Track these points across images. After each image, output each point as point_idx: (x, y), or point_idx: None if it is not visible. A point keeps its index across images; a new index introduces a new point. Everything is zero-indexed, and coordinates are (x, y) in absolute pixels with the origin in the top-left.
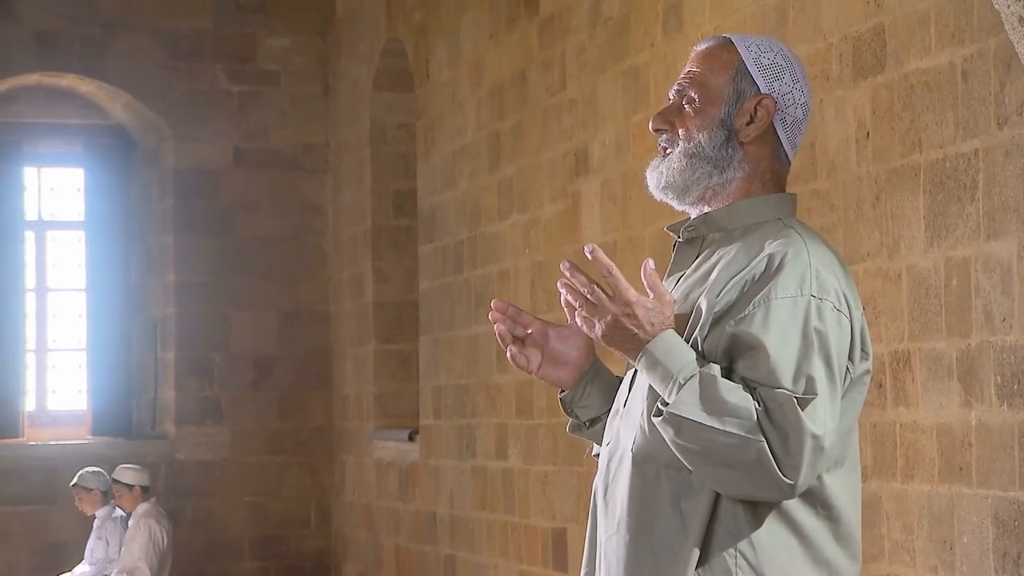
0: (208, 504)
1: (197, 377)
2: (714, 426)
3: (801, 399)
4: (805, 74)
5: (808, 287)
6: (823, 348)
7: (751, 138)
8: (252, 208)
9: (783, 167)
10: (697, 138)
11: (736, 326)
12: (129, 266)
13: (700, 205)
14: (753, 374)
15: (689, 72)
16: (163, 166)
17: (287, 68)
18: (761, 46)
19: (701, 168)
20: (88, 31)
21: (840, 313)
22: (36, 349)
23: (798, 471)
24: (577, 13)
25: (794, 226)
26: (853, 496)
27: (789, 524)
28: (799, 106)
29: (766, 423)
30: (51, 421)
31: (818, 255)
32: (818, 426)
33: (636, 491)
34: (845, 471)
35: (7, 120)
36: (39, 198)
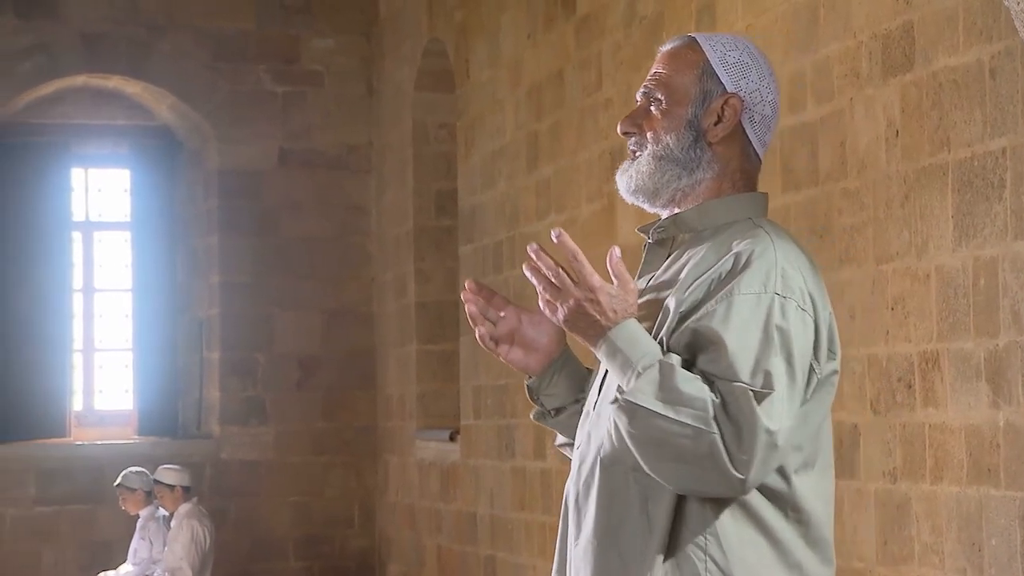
0: (252, 504)
1: (241, 377)
2: (668, 415)
3: (758, 393)
4: (772, 71)
5: (773, 285)
6: (784, 346)
7: (719, 138)
8: (296, 209)
9: (753, 166)
10: (665, 140)
11: (698, 321)
12: (175, 267)
13: (671, 207)
14: (712, 367)
15: (655, 74)
16: (207, 167)
17: (331, 69)
18: (726, 44)
19: (670, 170)
20: (133, 32)
21: (804, 312)
22: (83, 349)
23: (749, 466)
24: (613, 12)
25: (763, 225)
26: (825, 499)
27: (759, 527)
28: (767, 103)
29: (722, 416)
30: (98, 421)
31: (785, 254)
32: (773, 422)
33: (604, 495)
34: (816, 473)
35: (55, 121)
36: (86, 199)
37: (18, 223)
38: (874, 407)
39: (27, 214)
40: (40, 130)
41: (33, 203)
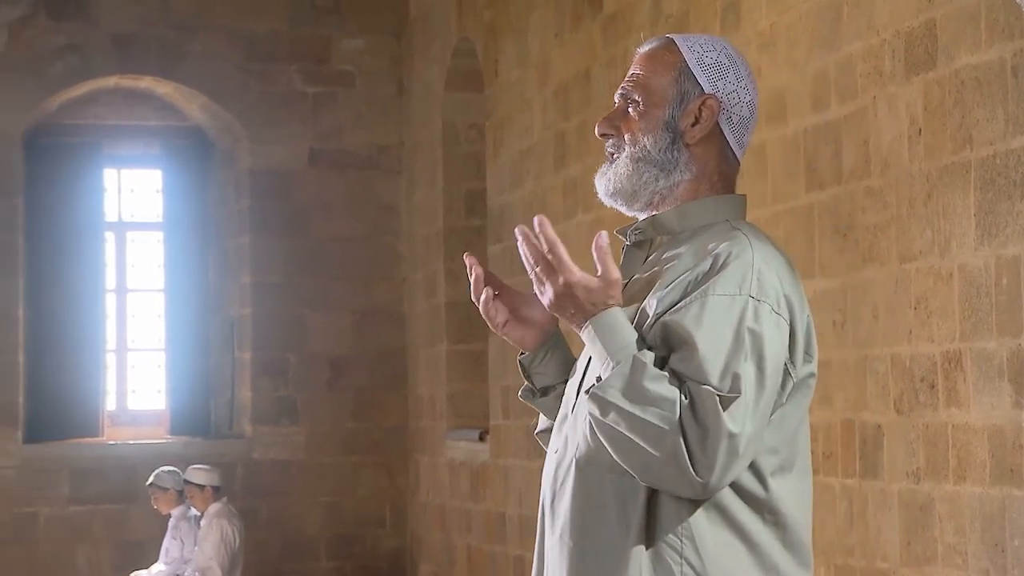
0: (284, 504)
1: (272, 377)
2: (635, 413)
3: (724, 397)
4: (751, 72)
5: (748, 287)
6: (755, 349)
7: (697, 139)
8: (327, 209)
9: (731, 168)
10: (642, 142)
11: (671, 316)
12: (206, 267)
13: (649, 209)
14: (683, 367)
15: (633, 75)
16: (239, 167)
17: (362, 69)
18: (704, 45)
19: (648, 172)
20: (164, 33)
21: (779, 316)
22: (116, 349)
23: (711, 470)
24: (639, 10)
25: (741, 228)
26: (802, 502)
27: (735, 530)
28: (744, 104)
29: (689, 418)
30: (131, 420)
31: (763, 256)
32: (736, 426)
33: (579, 497)
34: (794, 476)
35: (87, 122)
36: (119, 199)
37: (51, 224)
38: (897, 407)
39: (60, 215)
40: (73, 131)
41: (66, 204)
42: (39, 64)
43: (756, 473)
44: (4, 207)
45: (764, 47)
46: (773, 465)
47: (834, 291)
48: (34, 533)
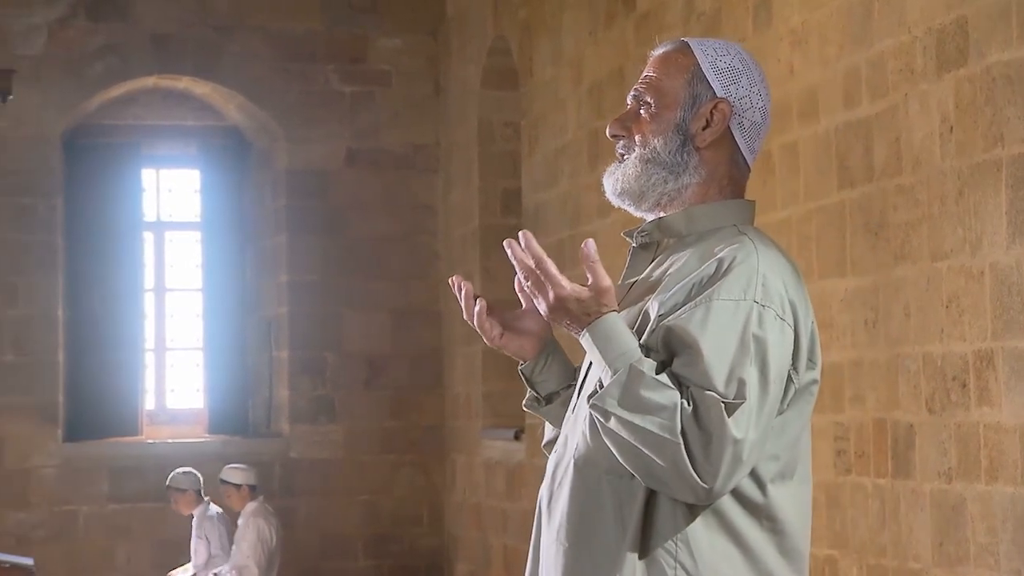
0: (322, 503)
1: (310, 376)
2: (633, 422)
3: (729, 404)
4: (764, 78)
5: (753, 292)
6: (760, 355)
7: (707, 143)
8: (364, 208)
9: (741, 173)
10: (652, 143)
11: (675, 320)
12: (244, 266)
13: (657, 211)
14: (687, 372)
15: (646, 77)
16: (276, 167)
17: (399, 68)
18: (718, 49)
19: (656, 174)
20: (202, 34)
21: (783, 322)
22: (155, 348)
23: (715, 476)
24: (671, 8)
25: (748, 232)
26: (801, 509)
27: (731, 535)
28: (757, 110)
29: (691, 424)
30: (170, 419)
31: (768, 262)
32: (741, 432)
33: (576, 498)
34: (795, 483)
35: (126, 122)
36: (157, 199)
37: (91, 224)
38: (929, 406)
39: (99, 215)
40: (111, 131)
41: (105, 204)
42: (78, 65)
43: (755, 479)
44: (44, 207)
45: (796, 44)
46: (773, 471)
47: (866, 289)
48: (74, 531)
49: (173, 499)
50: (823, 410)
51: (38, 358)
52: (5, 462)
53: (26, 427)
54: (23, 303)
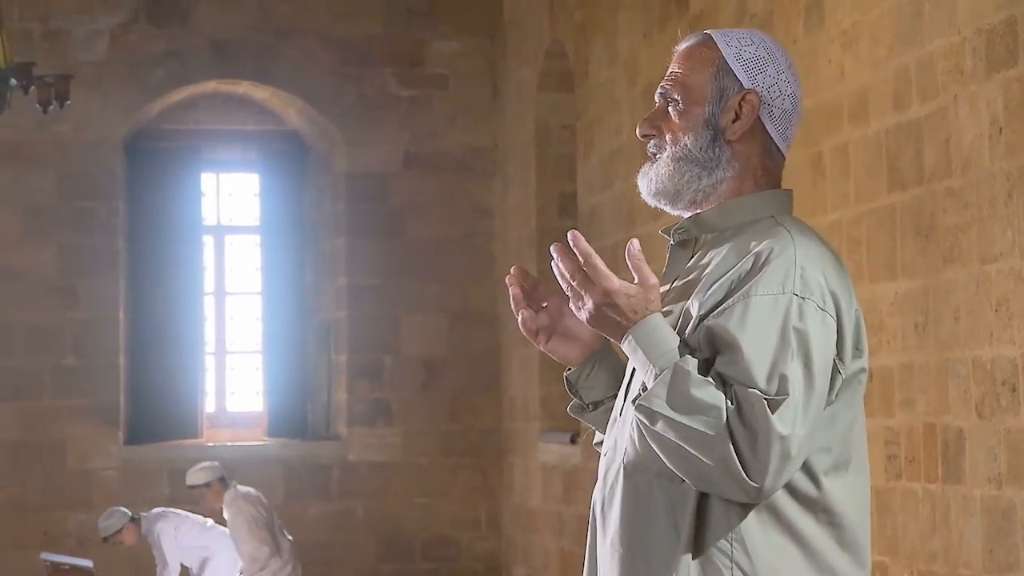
0: (379, 506)
1: (368, 379)
2: (681, 422)
3: (772, 400)
4: (791, 64)
5: (791, 285)
6: (802, 348)
7: (738, 135)
8: (421, 211)
9: (775, 162)
10: (683, 141)
11: (715, 319)
12: (303, 270)
13: (692, 209)
14: (729, 370)
15: (671, 73)
16: (335, 170)
17: (456, 71)
18: (742, 40)
19: (689, 171)
20: (261, 39)
21: (824, 313)
22: (215, 352)
23: (764, 474)
24: (724, 10)
25: (785, 223)
26: (859, 500)
27: (788, 531)
28: (786, 97)
29: (736, 422)
30: (230, 422)
31: (806, 252)
32: (787, 428)
33: (628, 503)
34: (851, 475)
35: (186, 127)
36: (217, 203)
37: (151, 228)
38: (979, 411)
39: (160, 219)
40: (172, 136)
41: (166, 208)
42: (140, 70)
43: (808, 472)
44: (106, 211)
45: (847, 45)
46: (826, 464)
47: (916, 292)
48: None
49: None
50: (873, 414)
51: (99, 361)
52: (67, 464)
53: (88, 429)
54: (85, 306)
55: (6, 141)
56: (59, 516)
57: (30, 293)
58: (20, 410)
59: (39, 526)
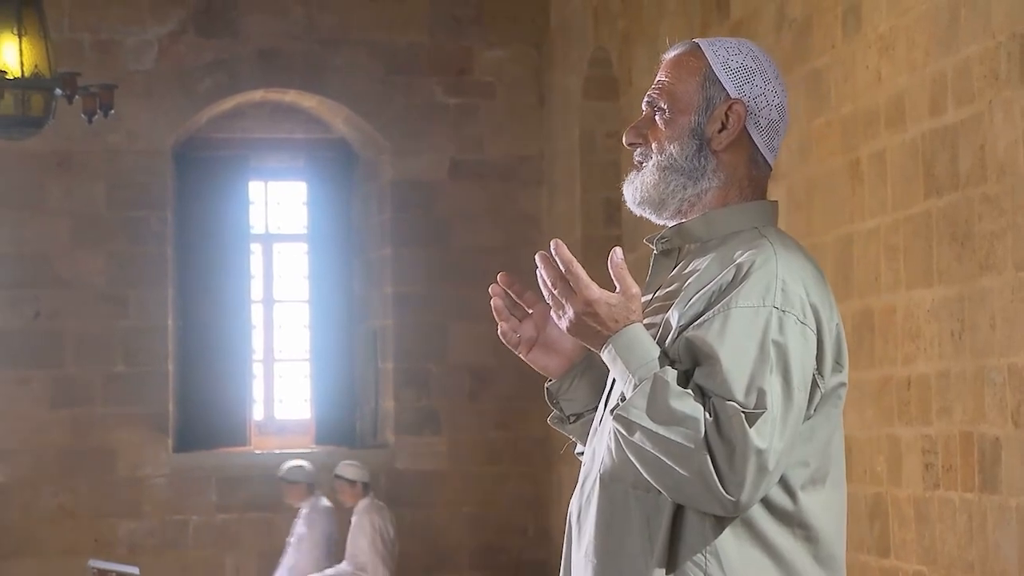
0: (428, 514)
1: (415, 387)
2: (659, 433)
3: (750, 414)
4: (778, 74)
5: (771, 298)
6: (781, 362)
7: (724, 145)
8: (468, 219)
9: (762, 173)
10: (669, 150)
11: (694, 330)
12: (351, 278)
13: (678, 218)
14: (707, 383)
15: (659, 82)
16: (381, 179)
17: (503, 80)
18: (729, 49)
19: (675, 180)
20: (308, 48)
21: (804, 326)
22: (263, 359)
23: (741, 488)
24: (764, 16)
25: (768, 235)
26: (835, 514)
27: (763, 545)
28: (773, 107)
29: (714, 435)
30: (278, 430)
31: (787, 265)
32: (764, 442)
33: (604, 513)
34: (828, 489)
35: (234, 136)
36: (266, 212)
37: (200, 236)
38: (1015, 419)
39: (208, 227)
40: (220, 145)
41: (214, 216)
42: (189, 79)
43: (785, 486)
44: (155, 220)
45: (884, 50)
46: (803, 478)
47: (952, 300)
48: (184, 540)
49: (285, 491)
50: (911, 423)
51: (149, 369)
52: (117, 471)
53: (137, 437)
54: (134, 314)
55: (57, 151)
56: (110, 523)
57: (81, 302)
58: (71, 418)
59: (90, 533)
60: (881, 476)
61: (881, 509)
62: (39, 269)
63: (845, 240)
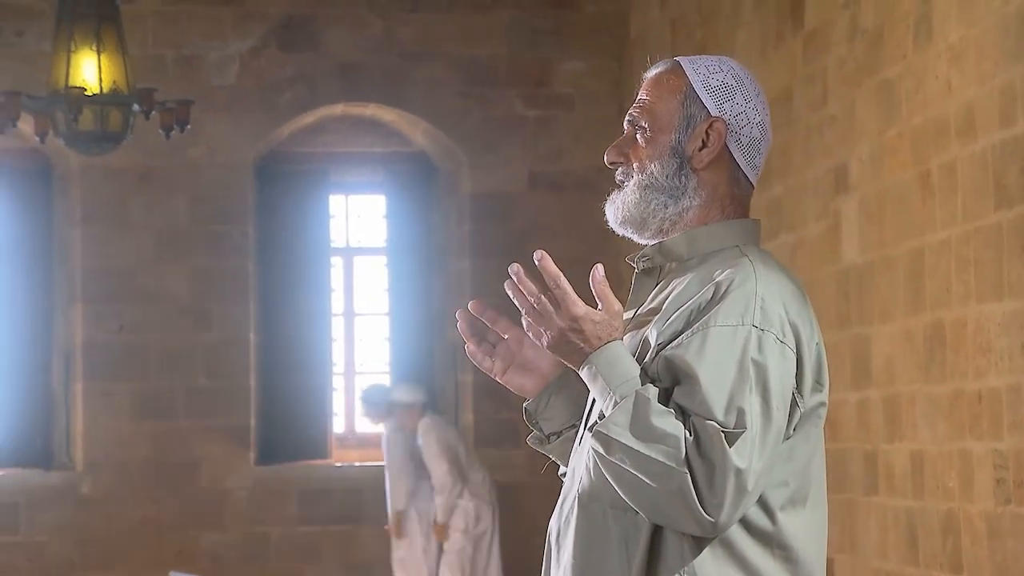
0: (508, 526)
1: (494, 400)
2: (639, 450)
3: (730, 433)
4: (760, 92)
5: (751, 317)
6: (760, 381)
7: (705, 164)
8: (546, 232)
9: (744, 191)
10: (650, 168)
11: (673, 349)
12: (430, 290)
13: (660, 237)
14: (687, 402)
15: (640, 100)
16: (460, 191)
17: (581, 91)
18: (711, 67)
19: (655, 199)
20: (388, 62)
21: (784, 345)
22: (344, 372)
23: (720, 508)
24: (838, 26)
25: (749, 254)
26: (815, 535)
27: (742, 566)
28: (754, 125)
29: (694, 454)
30: (359, 443)
31: (767, 284)
32: (743, 462)
33: (582, 533)
34: (808, 510)
35: (315, 150)
36: (346, 225)
37: (281, 250)
38: None
39: (289, 240)
40: (301, 158)
41: (295, 230)
42: (270, 94)
43: (764, 507)
44: (236, 234)
45: (954, 60)
46: (783, 498)
47: (1022, 313)
48: (266, 553)
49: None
50: (982, 437)
51: (231, 382)
52: (201, 483)
53: (220, 450)
54: (216, 328)
55: (139, 166)
56: (192, 535)
57: (164, 316)
58: (155, 431)
59: (173, 545)
60: (953, 492)
61: (953, 525)
62: (123, 283)
63: (916, 253)
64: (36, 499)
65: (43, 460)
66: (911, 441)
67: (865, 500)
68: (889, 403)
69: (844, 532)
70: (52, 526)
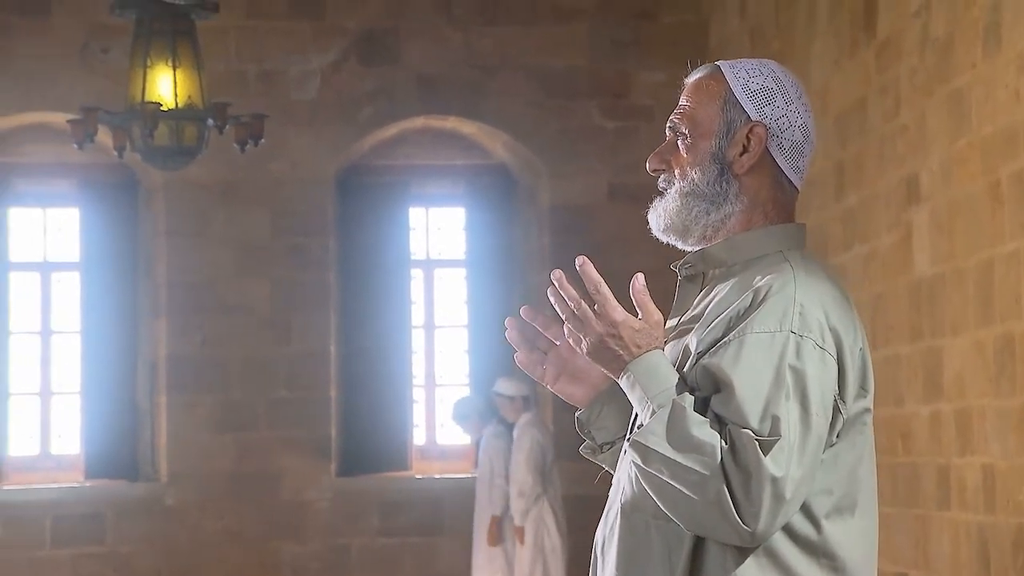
0: (586, 539)
1: (573, 412)
2: (676, 460)
3: (764, 441)
4: (802, 94)
5: (789, 323)
6: (798, 387)
7: (746, 169)
8: (625, 243)
9: (787, 195)
10: (691, 175)
11: (710, 357)
12: (510, 302)
13: (703, 243)
14: (723, 410)
15: (680, 107)
16: (540, 203)
17: (661, 103)
18: (751, 71)
19: (697, 206)
20: (467, 74)
21: (823, 351)
22: (424, 384)
23: (758, 518)
24: (909, 35)
25: (792, 259)
26: (864, 544)
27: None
28: (796, 128)
29: (730, 463)
30: (439, 455)
31: (806, 289)
32: (780, 470)
33: (625, 543)
34: (856, 518)
35: (395, 163)
36: (427, 237)
37: (361, 262)
38: None
39: (370, 253)
40: (381, 171)
41: (375, 242)
42: (352, 107)
43: (808, 515)
44: (317, 247)
45: (1023, 69)
46: (827, 506)
47: None
48: (347, 564)
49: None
50: None
51: (312, 394)
52: (281, 495)
53: (301, 461)
54: (297, 340)
55: (222, 180)
56: (273, 546)
57: (245, 328)
58: (236, 442)
59: (255, 556)
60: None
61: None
62: (205, 296)
63: (986, 264)
64: (122, 510)
65: (129, 472)
66: (983, 455)
67: (938, 515)
68: (960, 416)
69: (918, 547)
70: (137, 537)
